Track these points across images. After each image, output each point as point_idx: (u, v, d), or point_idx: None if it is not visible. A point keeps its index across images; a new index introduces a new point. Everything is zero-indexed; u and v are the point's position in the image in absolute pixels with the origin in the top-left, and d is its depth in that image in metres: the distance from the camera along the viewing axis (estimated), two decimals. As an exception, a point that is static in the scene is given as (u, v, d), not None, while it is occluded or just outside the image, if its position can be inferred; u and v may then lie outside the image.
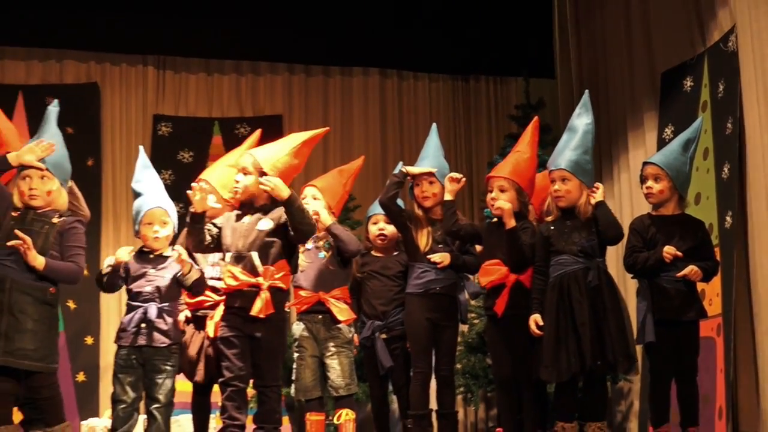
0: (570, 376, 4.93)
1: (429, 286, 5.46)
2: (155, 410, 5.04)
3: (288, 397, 7.48)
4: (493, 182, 5.38)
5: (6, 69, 9.03)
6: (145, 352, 5.05)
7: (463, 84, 10.22)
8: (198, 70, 9.61)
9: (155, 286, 5.10)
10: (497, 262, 5.28)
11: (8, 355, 4.39)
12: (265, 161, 4.85)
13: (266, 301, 4.69)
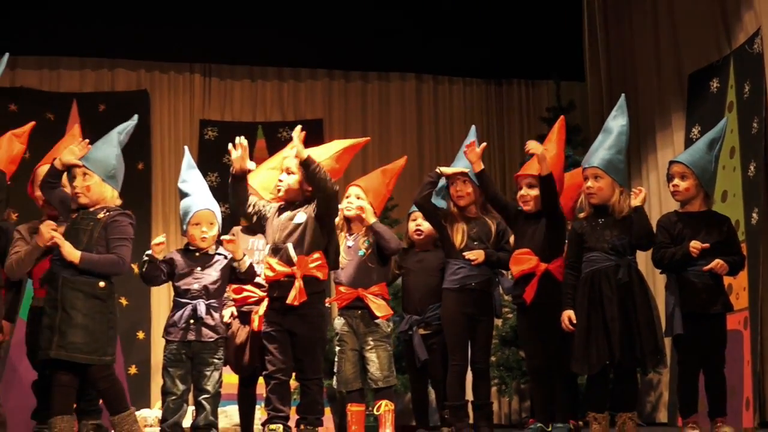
0: (600, 369, 4.91)
1: (464, 281, 5.46)
2: (203, 400, 5.07)
3: (330, 389, 7.51)
4: (522, 180, 5.40)
5: (62, 78, 9.13)
6: (194, 347, 5.07)
7: (496, 87, 10.19)
8: (242, 77, 9.67)
9: (202, 284, 5.12)
10: (527, 251, 5.27)
11: (61, 349, 4.42)
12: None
13: (300, 289, 4.70)
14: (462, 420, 5.47)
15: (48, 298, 4.45)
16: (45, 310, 4.43)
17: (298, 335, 4.76)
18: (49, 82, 9.03)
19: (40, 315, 4.75)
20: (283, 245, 4.81)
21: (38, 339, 4.67)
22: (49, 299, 4.45)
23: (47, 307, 4.42)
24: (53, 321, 4.39)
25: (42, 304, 4.78)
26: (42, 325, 4.45)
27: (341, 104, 9.81)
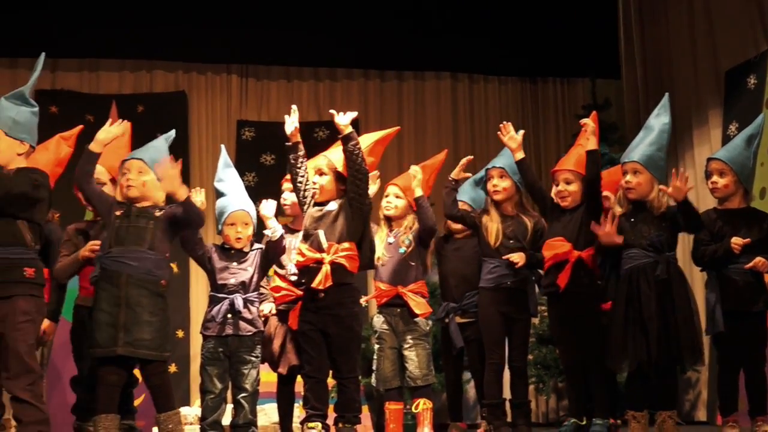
0: (637, 366, 4.85)
1: (500, 281, 5.43)
2: (242, 399, 5.07)
3: (367, 387, 7.50)
4: (559, 175, 5.36)
5: (101, 80, 9.20)
6: (231, 344, 5.07)
7: (531, 86, 10.15)
8: (279, 77, 9.69)
9: (239, 279, 5.13)
10: (560, 238, 5.22)
11: (129, 346, 4.44)
12: (339, 161, 4.86)
13: (326, 274, 4.69)
14: (500, 418, 5.44)
15: (107, 295, 4.44)
16: (102, 307, 4.42)
17: (332, 335, 4.76)
18: (88, 84, 9.09)
19: (87, 313, 4.79)
20: (314, 231, 4.81)
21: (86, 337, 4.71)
22: (108, 296, 4.43)
23: (106, 304, 4.41)
24: (116, 318, 4.40)
25: (89, 303, 4.81)
26: (98, 322, 4.43)
27: (377, 104, 9.80)
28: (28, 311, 4.17)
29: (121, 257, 4.49)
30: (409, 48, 9.43)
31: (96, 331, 4.42)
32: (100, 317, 4.43)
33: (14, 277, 4.17)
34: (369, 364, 6.98)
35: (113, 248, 4.51)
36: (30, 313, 4.18)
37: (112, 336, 4.40)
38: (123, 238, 4.53)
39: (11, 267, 4.17)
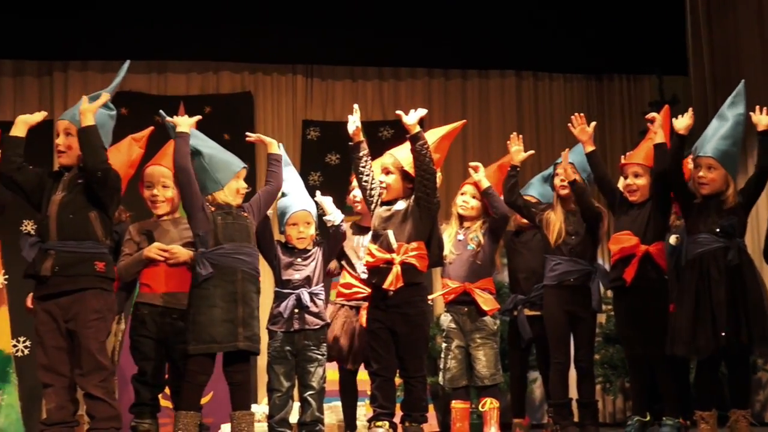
0: (708, 355, 4.74)
1: (563, 277, 5.39)
2: (309, 397, 5.08)
3: (433, 386, 7.47)
4: (627, 169, 5.29)
5: (169, 81, 9.30)
6: (298, 342, 5.08)
7: (596, 83, 10.02)
8: (343, 77, 9.70)
9: (304, 274, 5.15)
10: (627, 232, 5.14)
11: (248, 340, 4.51)
12: (405, 159, 4.85)
13: (397, 275, 4.68)
14: (566, 418, 5.39)
15: (221, 291, 4.47)
16: (216, 303, 4.44)
17: (400, 334, 4.75)
18: (157, 86, 9.20)
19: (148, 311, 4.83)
20: (383, 231, 4.80)
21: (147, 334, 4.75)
22: (223, 293, 4.46)
23: (221, 300, 4.44)
24: (234, 314, 4.45)
25: (148, 300, 4.84)
26: (212, 318, 4.44)
27: (441, 103, 9.75)
28: (99, 309, 4.23)
29: (236, 253, 4.52)
30: (473, 46, 9.37)
31: (208, 326, 4.42)
32: (214, 313, 4.43)
33: (85, 270, 4.23)
34: (435, 362, 6.96)
35: (225, 244, 4.52)
36: (101, 310, 4.24)
37: (231, 331, 4.43)
38: (232, 234, 4.56)
39: (82, 261, 4.24)
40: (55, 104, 9.09)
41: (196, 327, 4.44)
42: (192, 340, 4.44)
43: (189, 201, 4.56)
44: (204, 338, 4.42)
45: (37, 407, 8.03)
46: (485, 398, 5.36)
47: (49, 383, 4.25)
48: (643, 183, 5.21)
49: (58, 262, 4.22)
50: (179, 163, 4.55)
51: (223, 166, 4.74)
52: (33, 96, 9.17)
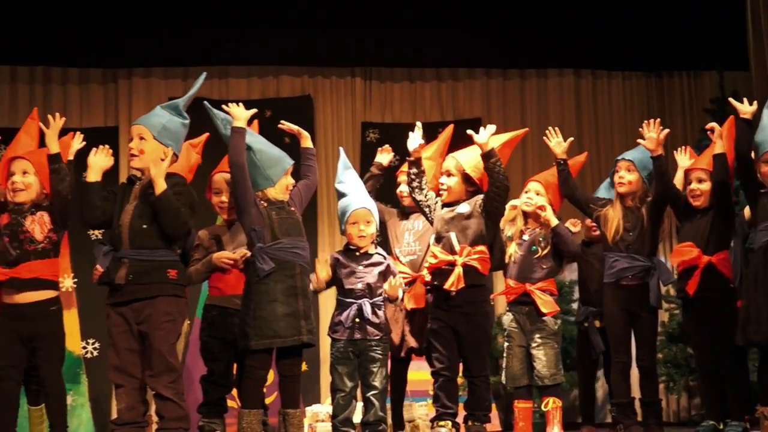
0: None
1: (621, 274, 5.34)
2: (372, 396, 5.09)
3: (495, 386, 7.45)
4: (692, 174, 5.24)
5: (230, 86, 9.41)
6: (360, 344, 5.11)
7: (656, 80, 9.91)
8: (401, 79, 9.71)
9: (365, 282, 5.15)
10: (689, 244, 5.09)
11: (310, 333, 4.55)
12: (467, 163, 4.86)
13: (459, 276, 4.68)
14: (629, 417, 5.34)
15: (282, 287, 4.49)
16: (278, 298, 4.47)
17: (463, 334, 4.75)
18: (219, 91, 9.30)
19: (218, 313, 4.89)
20: (446, 234, 4.81)
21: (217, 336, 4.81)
22: (283, 288, 4.49)
23: (281, 295, 4.46)
24: (296, 308, 4.48)
25: (219, 302, 4.90)
26: (274, 313, 4.46)
27: (499, 102, 9.73)
28: (170, 311, 4.28)
29: (293, 248, 4.55)
30: (531, 45, 9.32)
31: (271, 321, 4.43)
32: (276, 308, 4.45)
33: (158, 278, 4.29)
34: (497, 362, 6.94)
35: (283, 239, 4.54)
36: (172, 313, 4.29)
37: (294, 325, 4.46)
38: (288, 229, 4.59)
39: (156, 269, 4.30)
40: (119, 110, 9.26)
41: (258, 322, 4.45)
42: (254, 335, 4.45)
43: (242, 197, 4.56)
44: (267, 333, 4.43)
45: (106, 408, 8.17)
46: (547, 398, 5.33)
47: (120, 384, 4.31)
48: (706, 188, 5.16)
49: (131, 270, 4.29)
50: (235, 160, 4.54)
51: (274, 162, 4.73)
52: (98, 103, 9.34)
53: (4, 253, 4.66)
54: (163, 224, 4.31)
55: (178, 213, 4.31)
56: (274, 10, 8.71)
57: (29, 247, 4.66)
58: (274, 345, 4.46)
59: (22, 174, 4.72)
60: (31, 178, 4.72)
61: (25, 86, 9.29)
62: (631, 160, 5.42)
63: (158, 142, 4.43)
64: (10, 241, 4.66)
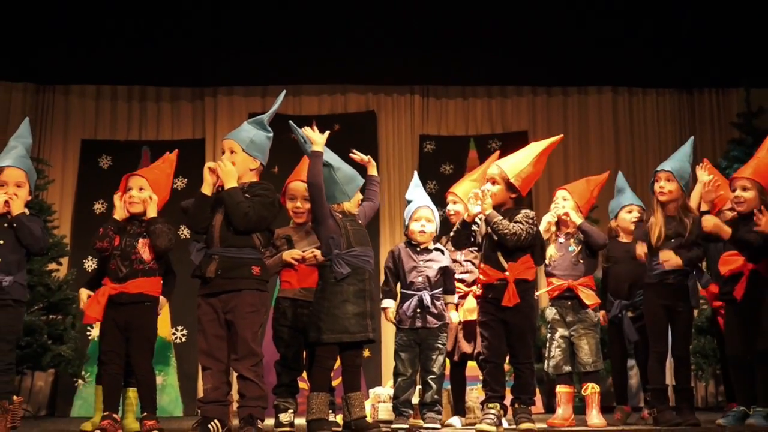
0: None
1: (663, 276, 5.22)
2: (430, 380, 5.11)
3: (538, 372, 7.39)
4: (736, 182, 5.08)
5: (303, 103, 9.50)
6: (421, 333, 5.12)
7: (687, 96, 9.80)
8: (455, 96, 9.72)
9: (425, 276, 5.17)
10: (735, 252, 4.98)
11: (374, 332, 4.52)
12: (510, 171, 4.81)
13: (512, 292, 4.65)
14: (663, 402, 5.25)
15: (354, 289, 4.49)
16: (348, 299, 4.47)
17: (511, 324, 4.72)
18: (293, 107, 9.38)
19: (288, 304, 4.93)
20: (492, 253, 4.77)
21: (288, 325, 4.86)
22: (356, 290, 4.49)
23: (353, 296, 4.47)
24: (364, 309, 4.47)
25: (289, 295, 4.94)
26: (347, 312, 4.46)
27: (544, 117, 9.68)
28: (254, 303, 4.33)
29: (364, 255, 4.55)
30: (573, 65, 9.27)
31: (342, 319, 4.43)
32: (347, 308, 4.45)
33: (243, 274, 4.34)
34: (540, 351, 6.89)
35: (356, 248, 4.55)
36: (255, 305, 4.33)
37: (362, 324, 4.45)
38: (360, 239, 4.59)
39: (242, 265, 4.34)
40: (206, 124, 9.39)
41: (331, 318, 4.46)
42: (326, 330, 4.47)
43: (320, 210, 4.56)
44: (337, 329, 4.45)
45: (192, 387, 8.27)
46: (587, 383, 5.30)
47: (207, 366, 4.35)
48: (749, 196, 5.02)
49: (221, 265, 4.34)
50: (314, 181, 4.54)
51: (350, 179, 4.74)
52: (187, 118, 9.48)
53: (115, 271, 4.78)
54: (230, 216, 4.36)
55: (237, 207, 4.33)
56: (342, 35, 8.76)
57: (138, 267, 4.80)
58: (344, 340, 4.48)
59: (138, 189, 4.87)
60: (147, 194, 4.86)
61: (124, 103, 9.46)
62: (671, 171, 5.32)
63: (246, 154, 4.48)
64: (121, 260, 4.80)
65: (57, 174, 8.93)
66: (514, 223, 4.72)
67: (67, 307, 7.55)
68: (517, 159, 4.92)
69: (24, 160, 4.72)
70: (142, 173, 4.99)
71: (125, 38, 8.61)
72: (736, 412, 5.04)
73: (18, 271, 4.56)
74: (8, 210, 4.57)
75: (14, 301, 4.51)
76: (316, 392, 4.41)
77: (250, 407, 4.23)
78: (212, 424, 4.25)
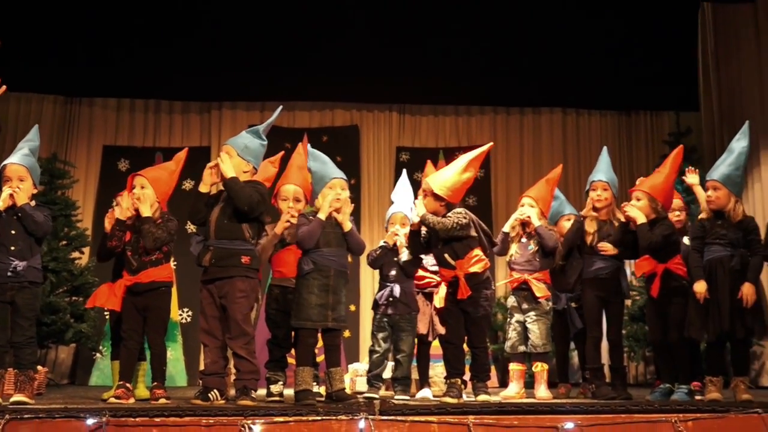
0: (716, 339, 4.59)
1: (597, 272, 5.23)
2: (401, 358, 5.11)
3: (494, 352, 7.42)
4: (632, 194, 5.10)
5: (296, 117, 9.48)
6: (393, 317, 5.12)
7: (626, 117, 9.85)
8: (428, 113, 9.74)
9: (397, 269, 5.17)
10: (647, 257, 4.99)
11: (335, 321, 4.42)
12: (434, 184, 4.70)
13: (464, 286, 4.60)
14: (600, 379, 5.27)
15: (318, 283, 4.41)
16: (314, 291, 4.40)
17: (467, 313, 4.70)
18: (287, 120, 9.36)
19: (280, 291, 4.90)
20: (441, 255, 4.73)
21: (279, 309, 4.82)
22: (319, 284, 4.41)
23: (317, 289, 4.40)
24: (326, 301, 4.40)
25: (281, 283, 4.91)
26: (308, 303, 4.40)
27: (503, 133, 9.71)
28: (244, 289, 4.29)
29: (331, 256, 4.45)
30: (529, 88, 9.29)
31: (307, 308, 4.38)
32: (311, 299, 4.39)
33: (234, 263, 4.30)
34: (496, 334, 6.91)
35: (323, 249, 4.46)
36: (245, 290, 4.29)
37: (323, 314, 4.38)
38: (329, 241, 4.49)
39: (233, 255, 4.30)
40: (212, 134, 9.35)
41: (298, 307, 4.45)
42: (294, 316, 4.47)
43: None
44: (302, 316, 4.42)
45: (195, 361, 8.23)
46: (537, 362, 5.32)
47: (206, 344, 4.31)
48: (641, 205, 5.01)
49: (215, 255, 4.30)
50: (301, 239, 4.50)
51: (319, 179, 4.65)
52: (195, 129, 9.44)
53: (129, 264, 4.73)
54: (234, 200, 4.31)
55: (242, 191, 4.29)
56: (332, 60, 8.74)
57: (146, 259, 4.73)
58: (306, 326, 4.43)
59: (140, 188, 4.82)
60: (148, 191, 4.80)
61: (140, 115, 9.41)
62: (607, 182, 5.33)
63: (241, 158, 4.44)
64: (132, 254, 4.74)
65: (81, 175, 8.90)
66: (447, 219, 4.66)
67: (88, 291, 7.50)
68: (444, 172, 4.80)
69: (26, 158, 4.61)
70: (144, 172, 4.89)
71: (144, 58, 8.58)
72: (662, 388, 5.05)
73: (31, 256, 4.46)
74: (14, 202, 4.49)
75: (30, 283, 4.43)
76: (301, 367, 4.39)
77: (245, 380, 4.21)
78: (212, 393, 4.22)
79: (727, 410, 3.83)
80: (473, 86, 9.21)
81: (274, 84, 8.86)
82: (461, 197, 4.83)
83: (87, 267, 7.65)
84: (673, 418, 3.73)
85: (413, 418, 3.63)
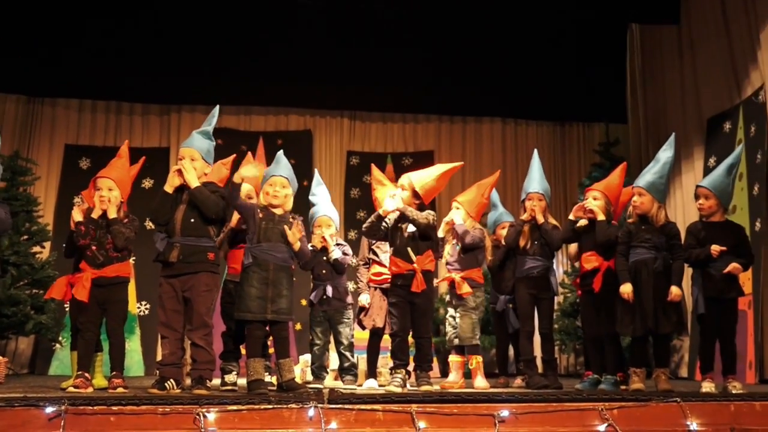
0: (641, 334, 4.69)
1: (529, 271, 5.30)
2: (342, 350, 5.15)
3: (436, 345, 7.45)
4: (588, 193, 5.19)
5: (252, 121, 9.37)
6: (329, 312, 5.17)
7: (560, 128, 9.99)
8: (377, 120, 9.73)
9: (327, 270, 5.21)
10: (593, 252, 5.08)
11: (274, 313, 4.34)
12: (417, 182, 4.77)
13: (420, 280, 4.65)
14: (532, 369, 5.34)
15: (258, 276, 4.33)
16: (253, 284, 4.33)
17: (416, 305, 4.71)
18: (244, 124, 9.27)
19: (233, 286, 4.85)
20: (404, 249, 4.75)
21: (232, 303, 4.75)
22: (259, 278, 4.33)
23: (257, 283, 4.32)
24: (265, 294, 4.32)
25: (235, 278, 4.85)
26: (248, 295, 4.33)
27: (447, 140, 9.76)
28: (208, 284, 4.26)
29: (270, 250, 4.38)
30: (472, 98, 9.37)
31: (247, 300, 4.32)
32: (251, 292, 4.32)
33: (200, 258, 4.27)
34: (438, 327, 6.96)
35: (263, 243, 4.39)
36: (209, 285, 4.27)
37: (262, 306, 4.32)
38: (270, 236, 4.41)
39: (199, 252, 4.27)
40: (171, 136, 9.19)
41: (239, 299, 4.40)
42: (236, 308, 4.42)
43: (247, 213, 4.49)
44: (243, 308, 4.36)
45: (152, 352, 8.10)
46: (471, 356, 5.37)
47: (165, 336, 4.25)
48: (598, 204, 5.10)
49: (182, 252, 4.25)
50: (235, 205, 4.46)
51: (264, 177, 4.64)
52: (155, 130, 9.27)
53: (93, 258, 4.62)
54: (202, 208, 4.27)
55: (209, 198, 4.27)
56: (287, 68, 8.71)
57: (112, 255, 4.63)
58: (247, 318, 4.35)
59: (107, 190, 4.69)
60: (115, 192, 4.70)
61: (102, 115, 9.21)
62: (543, 193, 5.38)
63: (204, 161, 4.43)
64: (98, 249, 4.63)
65: (43, 172, 8.67)
66: (425, 216, 4.70)
67: (48, 283, 7.30)
68: (424, 173, 4.88)
69: None
70: (109, 174, 4.77)
71: (106, 60, 8.42)
72: (591, 379, 5.15)
73: None
74: None
75: None
76: (251, 358, 4.35)
77: (201, 370, 4.16)
78: (169, 382, 4.16)
79: (649, 399, 3.91)
80: (420, 95, 9.27)
81: (232, 88, 8.77)
82: (430, 201, 4.90)
83: (47, 261, 7.46)
84: (600, 407, 3.79)
85: (360, 406, 3.63)
